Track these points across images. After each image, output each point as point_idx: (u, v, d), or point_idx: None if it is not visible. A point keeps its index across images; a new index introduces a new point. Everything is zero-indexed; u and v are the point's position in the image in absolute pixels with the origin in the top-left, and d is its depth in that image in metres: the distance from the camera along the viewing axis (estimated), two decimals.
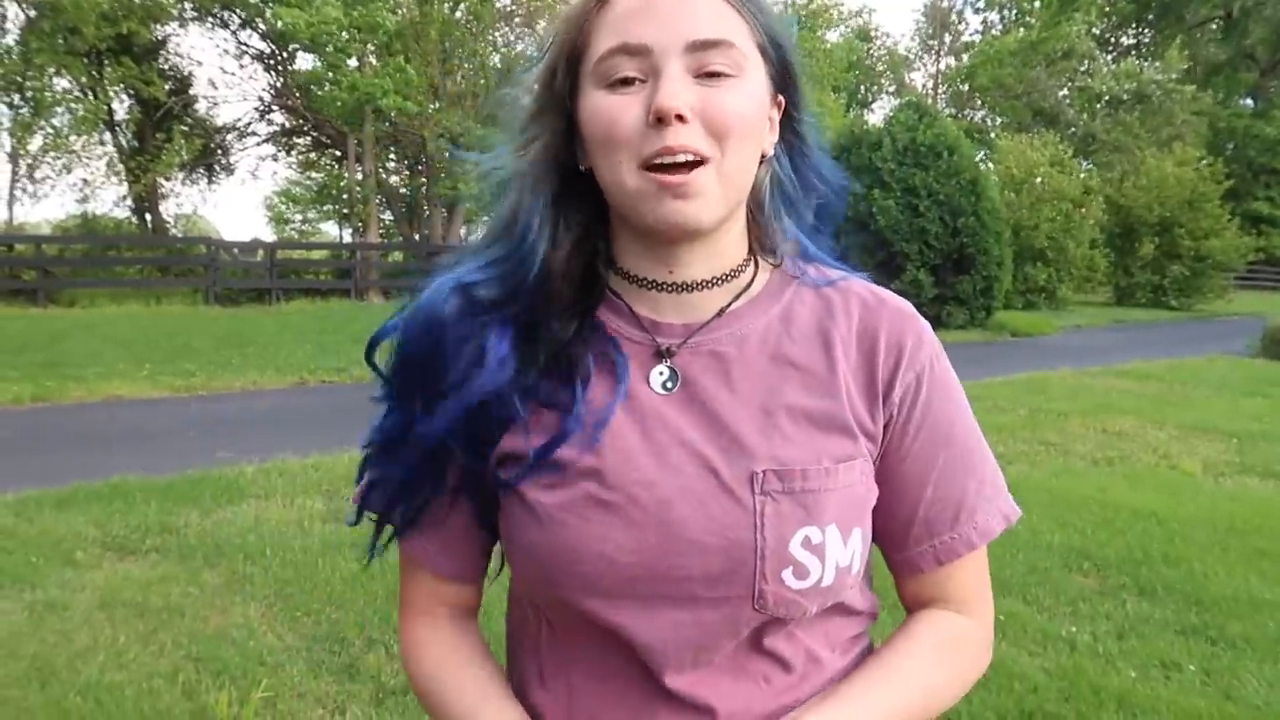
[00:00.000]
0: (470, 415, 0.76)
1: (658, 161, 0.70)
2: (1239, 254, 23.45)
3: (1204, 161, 22.89)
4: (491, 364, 0.75)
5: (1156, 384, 9.69)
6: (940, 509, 0.79)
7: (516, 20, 20.86)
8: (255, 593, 3.57)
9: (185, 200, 39.13)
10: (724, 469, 0.73)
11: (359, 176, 20.11)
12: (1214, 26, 38.77)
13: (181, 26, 20.79)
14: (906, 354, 0.78)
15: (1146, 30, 40.03)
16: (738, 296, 0.79)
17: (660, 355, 0.78)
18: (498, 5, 20.28)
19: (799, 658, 0.77)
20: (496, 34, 20.80)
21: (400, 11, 17.98)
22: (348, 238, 22.84)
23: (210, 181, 24.59)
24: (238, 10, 19.79)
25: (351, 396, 8.20)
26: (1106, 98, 30.27)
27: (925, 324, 0.82)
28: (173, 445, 6.07)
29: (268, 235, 26.70)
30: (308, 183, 25.29)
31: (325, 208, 24.34)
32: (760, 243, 0.82)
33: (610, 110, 0.71)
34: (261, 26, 20.52)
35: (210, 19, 20.43)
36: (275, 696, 2.80)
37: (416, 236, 22.18)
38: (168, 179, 21.73)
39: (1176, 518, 4.78)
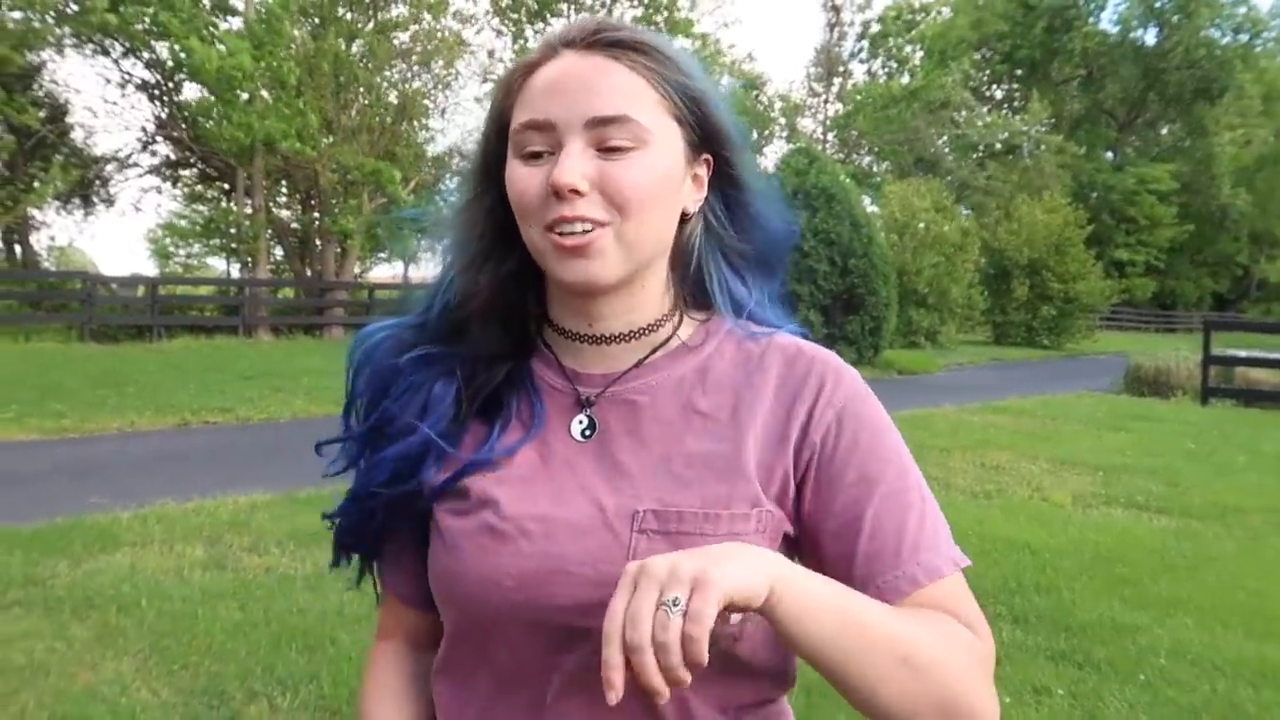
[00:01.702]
0: (410, 457, 0.82)
1: (557, 229, 0.75)
2: (1103, 296, 25.04)
3: (1070, 207, 24.44)
4: (432, 417, 0.82)
5: (1030, 419, 10.20)
6: (880, 545, 0.76)
7: (414, 57, 20.77)
8: (128, 646, 3.40)
9: (60, 232, 37.29)
10: (610, 507, 0.77)
11: (249, 210, 19.55)
12: (1076, 83, 41.57)
13: (59, 53, 19.93)
14: (825, 394, 0.80)
15: (1016, 85, 42.61)
16: (656, 350, 0.83)
17: (581, 405, 0.82)
18: (395, 41, 20.17)
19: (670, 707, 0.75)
20: (393, 70, 20.65)
21: (293, 47, 17.68)
22: (236, 273, 22.13)
23: (88, 213, 23.50)
24: (120, 39, 19.11)
25: (237, 438, 7.93)
26: (981, 146, 32.01)
27: (849, 369, 0.83)
28: (40, 491, 5.74)
29: (150, 270, 25.64)
30: (194, 216, 24.44)
31: (212, 242, 23.53)
32: (687, 297, 0.85)
33: (521, 180, 0.77)
34: (145, 55, 19.86)
35: (91, 45, 19.66)
36: None
37: (308, 272, 21.64)
38: (40, 209, 20.68)
39: (1048, 548, 5.04)
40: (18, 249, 21.20)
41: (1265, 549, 5.25)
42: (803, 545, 0.80)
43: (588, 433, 0.81)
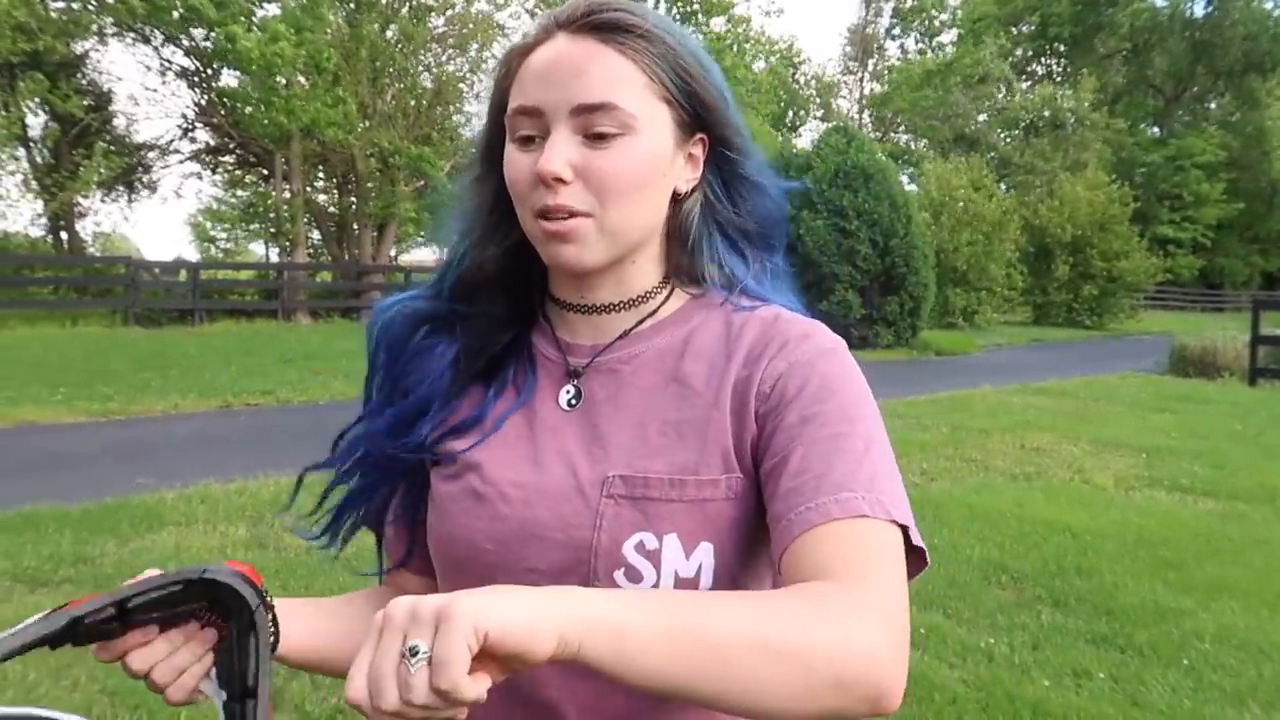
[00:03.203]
0: (408, 417, 0.85)
1: (544, 215, 0.77)
2: (1148, 275, 24.50)
3: (1113, 184, 23.93)
4: (433, 373, 0.85)
5: (1072, 401, 10.05)
6: (801, 482, 0.71)
7: (449, 41, 20.82)
8: None
9: (104, 219, 38.02)
10: (585, 473, 0.79)
11: (286, 195, 19.77)
12: (1121, 56, 40.60)
13: (101, 42, 20.24)
14: (785, 350, 0.78)
15: (1059, 60, 41.73)
16: (644, 320, 0.84)
17: (570, 375, 0.84)
18: (430, 26, 20.22)
19: None
20: (428, 54, 20.71)
21: (330, 31, 17.79)
22: (274, 257, 22.41)
23: (131, 200, 23.90)
24: (159, 27, 19.35)
25: (277, 420, 8.05)
26: (1024, 122, 31.42)
27: (825, 333, 0.81)
28: (88, 472, 5.88)
29: (191, 254, 26.07)
30: (233, 201, 24.78)
31: (252, 227, 23.86)
32: (682, 271, 0.86)
33: (513, 165, 0.79)
34: (185, 42, 20.09)
35: (132, 34, 19.93)
36: None
37: (345, 256, 21.85)
38: (86, 197, 21.07)
39: (1089, 530, 4.97)
40: (64, 235, 21.62)
41: None
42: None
43: (574, 402, 0.83)
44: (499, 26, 21.55)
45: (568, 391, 0.84)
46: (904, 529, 0.69)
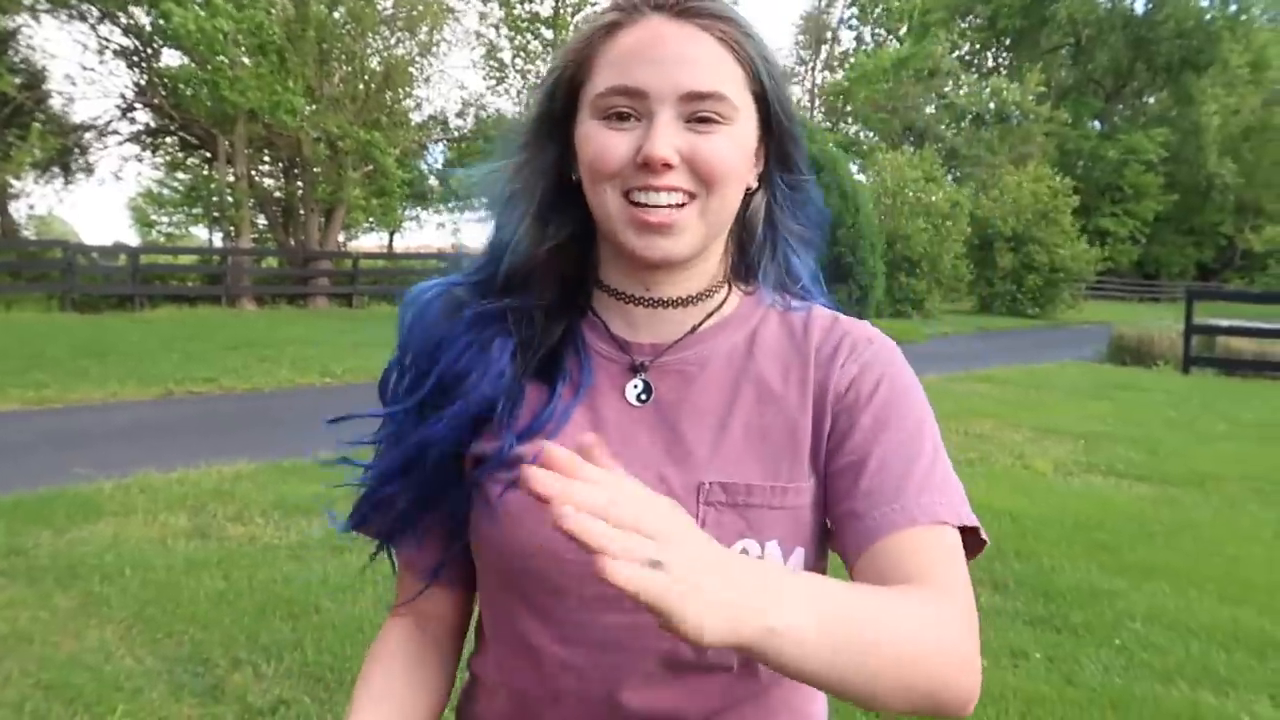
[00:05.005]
0: (466, 416, 0.80)
1: (639, 199, 0.75)
2: (1089, 265, 25.08)
3: (1057, 178, 24.43)
4: (493, 374, 0.80)
5: (1013, 388, 10.27)
6: (881, 482, 0.75)
7: (398, 24, 20.50)
8: (112, 615, 3.41)
9: (39, 201, 36.80)
10: (674, 478, 0.77)
11: (230, 179, 19.34)
12: (1065, 52, 41.41)
13: (34, 18, 19.55)
14: (856, 354, 0.81)
15: (1006, 54, 42.42)
16: (709, 316, 0.84)
17: (634, 370, 0.82)
18: (379, 8, 19.89)
19: (736, 659, 0.78)
20: (377, 37, 20.38)
21: (274, 11, 17.40)
22: (218, 242, 21.95)
23: (67, 182, 23.18)
24: (95, 4, 18.77)
25: (220, 407, 7.90)
26: (971, 115, 31.89)
27: (883, 336, 0.84)
28: (23, 461, 5.71)
29: (132, 239, 25.39)
30: (175, 184, 24.17)
31: (194, 211, 23.30)
32: (737, 268, 0.87)
33: (603, 143, 0.76)
34: (123, 20, 19.51)
35: (66, 11, 19.30)
36: None
37: (292, 242, 21.46)
38: (19, 178, 20.40)
39: (1029, 515, 5.09)
40: None
41: (1241, 516, 5.32)
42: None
43: (644, 397, 0.81)
44: (449, 9, 21.29)
45: (635, 386, 0.81)
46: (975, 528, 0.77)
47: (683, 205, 0.75)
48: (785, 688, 0.82)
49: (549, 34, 21.36)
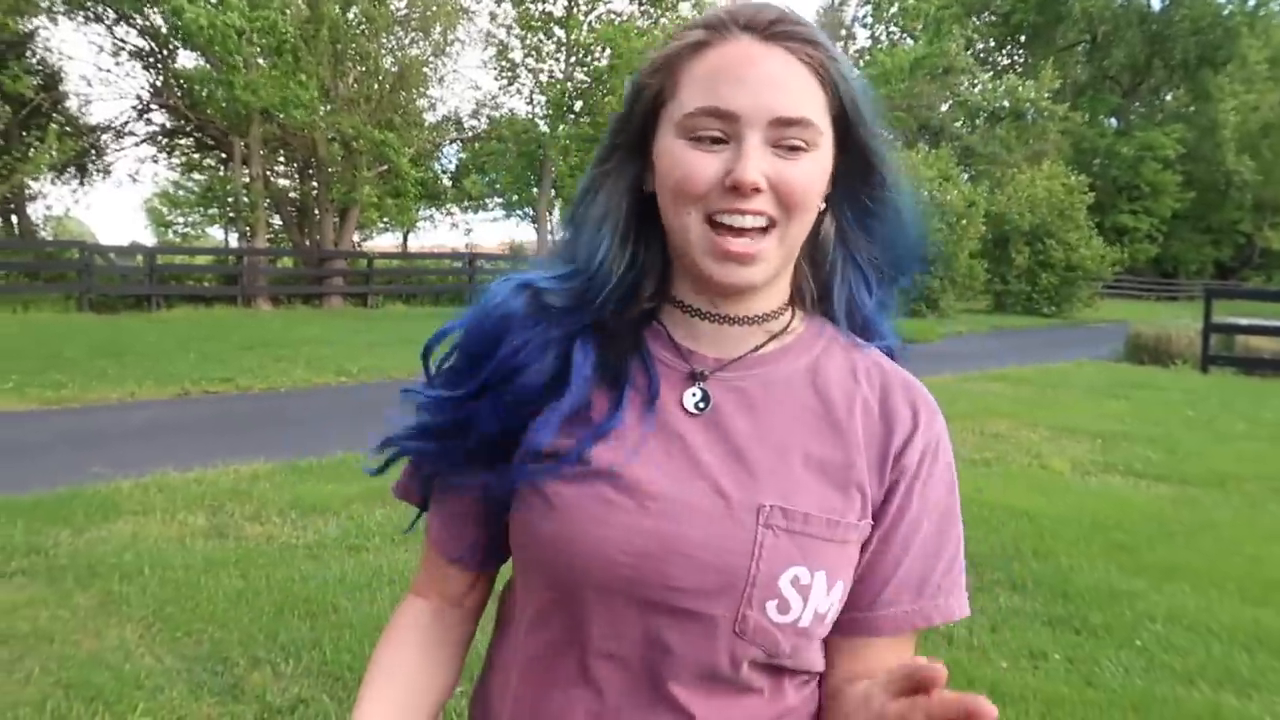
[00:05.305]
0: (526, 407, 0.81)
1: (724, 220, 0.75)
2: (1106, 263, 24.89)
3: (1075, 175, 24.26)
4: (577, 380, 0.80)
5: (1030, 388, 10.21)
6: (909, 577, 0.81)
7: (412, 24, 20.56)
8: (131, 613, 3.43)
9: (56, 202, 37.06)
10: (734, 495, 0.77)
11: (246, 179, 19.44)
12: (1081, 49, 41.13)
13: (51, 20, 19.70)
14: (921, 426, 0.83)
15: (1021, 51, 42.17)
16: (773, 338, 0.84)
17: (693, 378, 0.82)
18: (392, 9, 19.94)
19: (766, 684, 0.80)
20: (391, 38, 20.44)
21: (289, 12, 17.47)
22: (234, 243, 22.07)
23: (83, 182, 23.34)
24: (111, 5, 18.89)
25: (237, 407, 7.94)
26: (986, 112, 31.72)
27: (937, 408, 0.86)
28: (41, 461, 5.76)
29: (148, 239, 25.56)
30: (190, 185, 24.31)
31: (210, 211, 23.43)
32: (803, 291, 0.87)
33: (689, 163, 0.76)
34: (139, 22, 19.63)
35: (83, 13, 19.43)
36: None
37: (307, 242, 21.55)
38: (36, 179, 20.56)
39: (1046, 515, 5.06)
40: (14, 219, 21.09)
41: (1262, 515, 5.27)
42: None
43: (701, 405, 0.81)
44: (463, 9, 21.33)
45: (694, 395, 0.82)
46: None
47: (765, 230, 0.76)
48: (810, 715, 0.84)
49: (561, 34, 21.35)
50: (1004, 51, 42.64)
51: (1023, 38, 41.26)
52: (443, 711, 0.89)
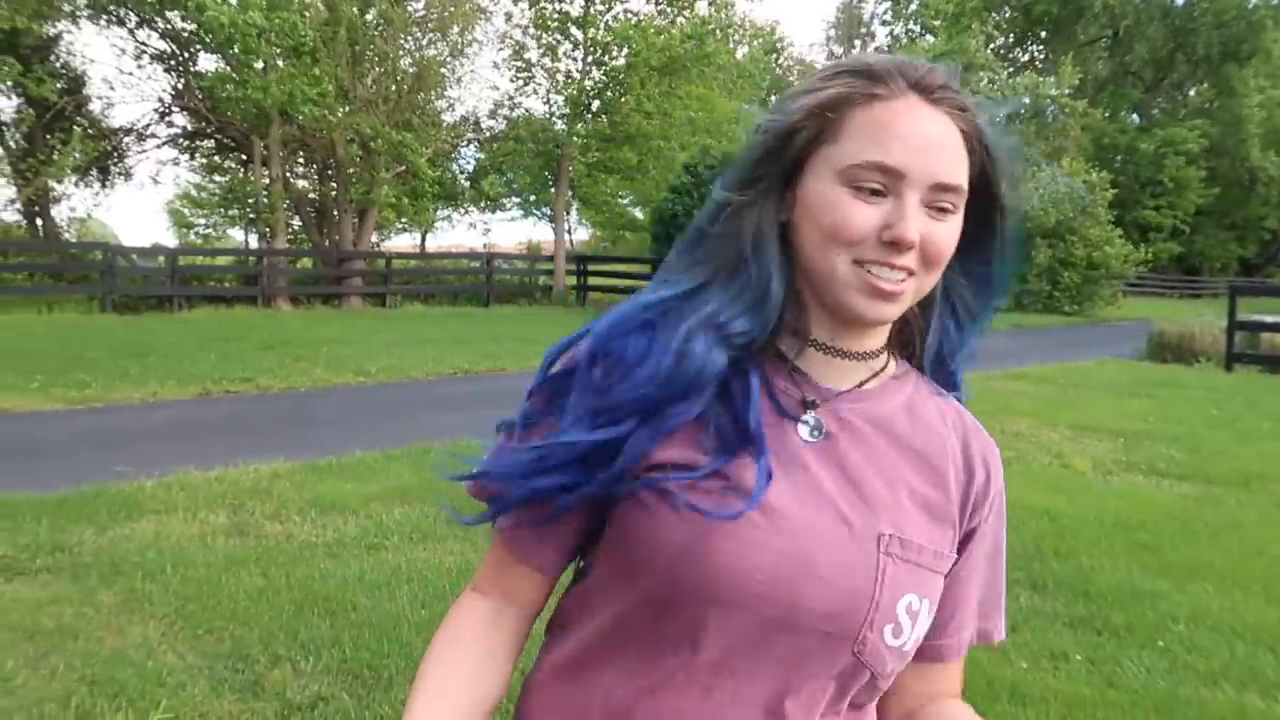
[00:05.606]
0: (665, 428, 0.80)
1: (873, 271, 0.78)
2: (1130, 263, 24.65)
3: (1093, 172, 24.03)
4: (755, 401, 0.81)
5: (1051, 386, 10.13)
6: (974, 606, 0.91)
7: (430, 25, 20.62)
8: (154, 611, 3.46)
9: (79, 204, 37.44)
10: (855, 522, 0.81)
11: (265, 181, 19.57)
12: (1102, 44, 40.73)
13: (74, 24, 19.92)
14: (994, 477, 0.90)
15: (1041, 47, 41.82)
16: (875, 375, 0.88)
17: (806, 405, 0.85)
18: (410, 9, 20.01)
19: (866, 703, 0.87)
20: (409, 39, 20.51)
21: (309, 14, 17.57)
22: (254, 243, 22.21)
23: (105, 184, 23.57)
24: (133, 9, 19.06)
25: (257, 407, 8.00)
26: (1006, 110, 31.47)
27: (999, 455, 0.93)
28: (65, 460, 5.83)
29: (169, 241, 25.79)
30: (211, 186, 24.51)
31: (231, 212, 23.61)
32: (902, 333, 0.91)
33: (849, 212, 0.78)
34: (161, 25, 19.81)
35: (105, 16, 19.63)
36: (175, 717, 2.73)
37: (326, 243, 21.68)
38: (60, 182, 20.79)
39: (1067, 514, 5.02)
40: (39, 221, 21.33)
41: None
42: None
43: (815, 433, 0.84)
44: (480, 10, 21.37)
45: (808, 422, 0.84)
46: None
47: (909, 278, 0.79)
48: None
49: (578, 33, 21.35)
50: (1024, 48, 42.30)
51: (1043, 33, 40.91)
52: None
